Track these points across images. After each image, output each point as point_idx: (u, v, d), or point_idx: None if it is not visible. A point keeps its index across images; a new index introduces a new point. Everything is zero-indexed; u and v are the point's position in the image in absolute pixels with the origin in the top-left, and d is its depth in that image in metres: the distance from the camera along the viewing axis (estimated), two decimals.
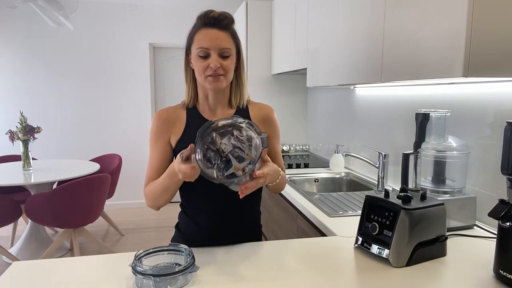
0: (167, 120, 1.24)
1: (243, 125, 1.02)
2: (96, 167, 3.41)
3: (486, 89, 1.45)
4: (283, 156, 3.17)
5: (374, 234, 1.17)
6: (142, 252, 1.03)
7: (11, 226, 3.80)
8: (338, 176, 2.45)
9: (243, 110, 1.28)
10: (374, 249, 1.15)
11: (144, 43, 4.50)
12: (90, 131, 4.52)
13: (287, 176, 2.37)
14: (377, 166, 1.98)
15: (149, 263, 1.01)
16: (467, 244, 1.28)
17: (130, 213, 4.52)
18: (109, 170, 3.60)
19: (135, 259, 0.99)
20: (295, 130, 3.48)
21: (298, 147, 3.40)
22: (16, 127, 3.24)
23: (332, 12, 2.05)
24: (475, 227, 1.44)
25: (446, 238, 1.17)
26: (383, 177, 1.95)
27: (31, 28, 4.25)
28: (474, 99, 1.51)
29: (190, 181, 1.02)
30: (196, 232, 1.26)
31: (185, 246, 1.05)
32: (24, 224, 3.98)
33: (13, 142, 3.28)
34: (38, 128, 3.32)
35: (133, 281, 0.99)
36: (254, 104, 1.32)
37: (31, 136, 3.28)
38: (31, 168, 3.36)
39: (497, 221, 1.01)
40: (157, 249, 1.06)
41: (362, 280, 1.01)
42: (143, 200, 4.53)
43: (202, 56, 1.15)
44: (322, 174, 2.45)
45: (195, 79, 1.24)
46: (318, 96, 3.21)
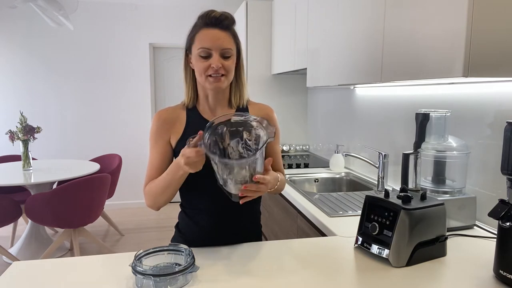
0: (167, 120, 1.24)
1: (254, 123, 1.02)
2: (96, 167, 3.41)
3: (486, 89, 1.45)
4: (283, 156, 3.17)
5: (374, 234, 1.17)
6: (142, 252, 1.03)
7: (11, 226, 3.80)
8: (338, 176, 2.45)
9: (243, 110, 1.28)
10: (374, 249, 1.15)
11: (144, 43, 4.50)
12: (90, 131, 4.52)
13: (287, 176, 2.37)
14: (377, 166, 1.98)
15: (149, 263, 1.01)
16: (467, 244, 1.28)
17: (130, 213, 4.52)
18: (109, 170, 3.60)
19: (135, 259, 0.99)
20: (295, 130, 3.48)
21: (298, 147, 3.40)
22: (16, 127, 3.24)
23: (332, 12, 2.05)
24: (475, 227, 1.44)
25: (446, 238, 1.17)
26: (383, 177, 1.95)
27: (31, 28, 4.25)
28: (474, 99, 1.51)
29: (193, 170, 1.02)
30: (196, 232, 1.26)
31: (185, 246, 1.05)
32: (24, 224, 3.98)
33: (13, 142, 3.28)
34: (38, 128, 3.32)
35: (133, 281, 0.99)
36: (254, 104, 1.32)
37: (31, 136, 3.28)
38: (31, 168, 3.36)
39: (497, 221, 1.01)
40: (157, 249, 1.06)
41: (362, 280, 1.01)
42: (143, 200, 4.53)
43: (203, 56, 1.15)
44: (322, 174, 2.45)
45: (194, 79, 1.24)
46: (318, 96, 3.21)
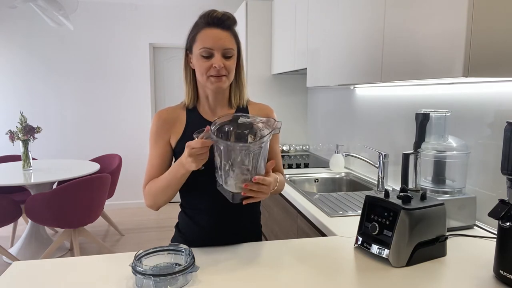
0: (167, 120, 1.24)
1: (260, 124, 1.03)
2: (96, 167, 3.41)
3: (486, 89, 1.45)
4: (283, 156, 3.17)
5: (374, 234, 1.17)
6: (142, 252, 1.03)
7: (11, 226, 3.80)
8: (338, 176, 2.45)
9: (243, 110, 1.28)
10: (374, 249, 1.15)
11: (144, 43, 4.50)
12: (90, 131, 4.52)
13: (287, 176, 2.37)
14: (377, 166, 1.98)
15: (149, 263, 1.01)
16: (467, 244, 1.28)
17: (130, 213, 4.52)
18: (109, 170, 3.60)
19: (135, 259, 0.99)
20: (295, 130, 3.48)
21: (298, 147, 3.40)
22: (16, 127, 3.24)
23: (332, 12, 2.05)
24: (475, 227, 1.44)
25: (446, 238, 1.17)
26: (383, 177, 1.95)
27: (31, 28, 4.25)
28: (474, 99, 1.51)
29: (194, 165, 1.03)
30: (196, 232, 1.26)
31: (185, 246, 1.05)
32: (24, 224, 3.98)
33: (13, 142, 3.28)
34: (38, 128, 3.32)
35: (133, 281, 0.99)
36: (254, 104, 1.32)
37: (31, 136, 3.28)
38: (31, 168, 3.36)
39: (497, 221, 1.01)
40: (157, 249, 1.06)
41: (362, 280, 1.01)
42: (143, 200, 4.53)
43: (205, 56, 1.14)
44: (322, 174, 2.45)
45: (195, 79, 1.24)
46: (318, 96, 3.21)
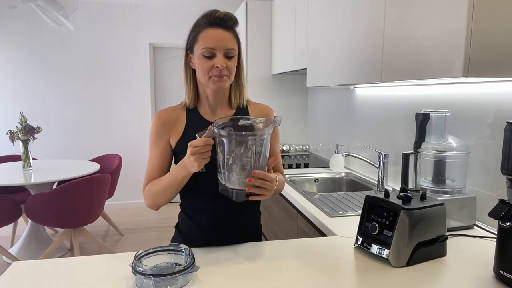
0: (167, 120, 1.24)
1: (260, 125, 1.04)
2: (96, 167, 3.41)
3: (486, 89, 1.45)
4: (283, 156, 3.17)
5: (374, 234, 1.17)
6: (142, 252, 1.03)
7: (11, 226, 3.80)
8: (338, 176, 2.45)
9: (243, 110, 1.29)
10: (374, 249, 1.15)
11: (144, 43, 4.50)
12: (90, 131, 4.52)
13: (287, 176, 2.37)
14: (377, 166, 1.98)
15: (149, 263, 1.01)
16: (467, 244, 1.28)
17: (130, 213, 4.52)
18: (109, 170, 3.60)
19: (135, 259, 0.99)
20: (295, 130, 3.48)
21: (298, 147, 3.40)
22: (16, 127, 3.24)
23: (332, 12, 2.05)
24: (475, 227, 1.44)
25: (446, 238, 1.17)
26: (383, 177, 1.95)
27: (31, 28, 4.25)
28: (474, 99, 1.51)
29: (196, 166, 1.03)
30: (196, 232, 1.26)
31: (185, 246, 1.05)
32: (24, 224, 3.98)
33: (13, 142, 3.28)
34: (38, 128, 3.32)
35: (133, 281, 0.99)
36: (254, 104, 1.32)
37: (31, 136, 3.28)
38: (31, 168, 3.36)
39: (497, 221, 1.01)
40: (157, 249, 1.06)
41: (362, 280, 1.01)
42: (143, 200, 4.53)
43: (207, 56, 1.14)
44: (322, 174, 2.45)
45: (195, 79, 1.24)
46: (318, 96, 3.21)
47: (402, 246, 1.09)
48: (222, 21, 1.15)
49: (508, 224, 0.98)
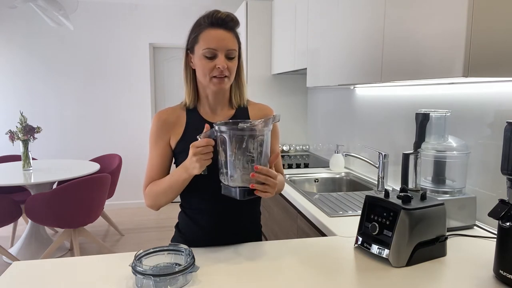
0: (167, 121, 1.24)
1: (259, 126, 1.04)
2: (96, 167, 3.41)
3: (486, 89, 1.45)
4: (283, 156, 3.17)
5: (374, 234, 1.17)
6: (142, 252, 1.03)
7: (11, 226, 3.80)
8: (338, 176, 2.45)
9: (243, 110, 1.29)
10: (374, 249, 1.15)
11: (144, 43, 4.50)
12: (90, 131, 4.52)
13: (287, 176, 2.37)
14: (377, 166, 1.98)
15: (149, 263, 1.01)
16: (467, 244, 1.28)
17: (130, 213, 4.52)
18: (109, 170, 3.60)
19: (135, 259, 0.99)
20: (295, 130, 3.48)
21: (298, 147, 3.40)
22: (16, 127, 3.24)
23: (332, 12, 2.05)
24: (475, 227, 1.44)
25: (446, 238, 1.17)
26: (383, 177, 1.95)
27: (31, 28, 4.24)
28: (474, 99, 1.51)
29: (198, 167, 1.03)
30: (196, 232, 1.26)
31: (185, 246, 1.05)
32: (24, 224, 3.98)
33: (13, 142, 3.28)
34: (38, 128, 3.32)
35: (133, 281, 0.99)
36: (254, 104, 1.32)
37: (31, 136, 3.28)
38: (31, 168, 3.36)
39: (497, 221, 1.01)
40: (157, 249, 1.06)
41: (362, 280, 1.01)
42: (143, 200, 4.53)
43: (208, 57, 1.14)
44: (322, 174, 2.45)
45: (195, 79, 1.24)
46: (318, 96, 3.21)
47: (402, 246, 1.09)
48: (224, 22, 1.14)
49: (508, 224, 0.98)
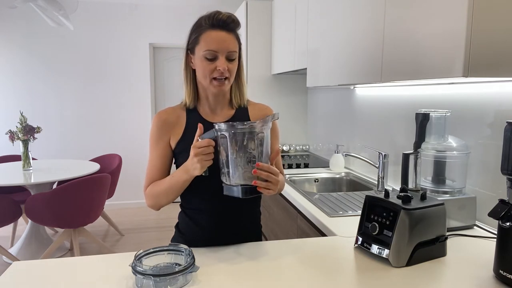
0: (167, 121, 1.24)
1: (258, 127, 1.04)
2: (96, 167, 3.41)
3: (486, 89, 1.45)
4: (283, 156, 3.17)
5: (374, 234, 1.17)
6: (142, 252, 1.03)
7: (11, 226, 3.80)
8: (338, 176, 2.45)
9: (243, 110, 1.29)
10: (374, 249, 1.15)
11: (144, 43, 4.50)
12: (90, 131, 4.52)
13: (287, 176, 2.37)
14: (377, 166, 1.98)
15: (149, 263, 1.01)
16: (467, 244, 1.28)
17: (130, 213, 4.52)
18: (109, 170, 3.60)
19: (135, 259, 0.99)
20: (295, 130, 3.48)
21: (298, 147, 3.40)
22: (16, 127, 3.24)
23: (332, 12, 2.05)
24: (475, 227, 1.44)
25: (446, 238, 1.17)
26: (383, 177, 1.95)
27: (31, 28, 4.25)
28: (474, 99, 1.51)
29: (199, 168, 1.04)
30: (196, 232, 1.26)
31: (185, 246, 1.05)
32: (24, 224, 3.98)
33: (13, 142, 3.28)
34: (38, 128, 3.32)
35: (133, 281, 0.99)
36: (254, 104, 1.32)
37: (31, 136, 3.28)
38: (31, 168, 3.36)
39: (497, 221, 1.01)
40: (157, 249, 1.06)
41: (362, 280, 1.01)
42: (143, 200, 4.53)
43: (209, 59, 1.14)
44: (322, 174, 2.45)
45: (195, 79, 1.24)
46: (318, 96, 3.21)
47: (402, 246, 1.09)
48: (225, 23, 1.14)
49: (508, 224, 0.98)
